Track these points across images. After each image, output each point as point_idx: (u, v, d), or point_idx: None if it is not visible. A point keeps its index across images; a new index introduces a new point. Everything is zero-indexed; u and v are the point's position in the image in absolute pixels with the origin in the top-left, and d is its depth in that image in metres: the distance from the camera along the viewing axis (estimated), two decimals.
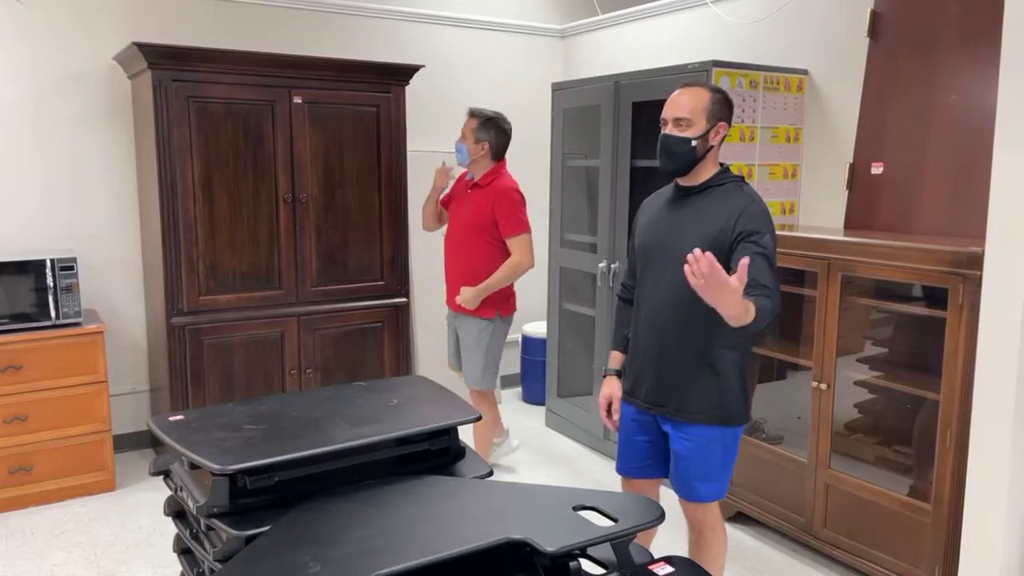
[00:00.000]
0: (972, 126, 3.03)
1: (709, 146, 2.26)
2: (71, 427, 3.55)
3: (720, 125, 2.26)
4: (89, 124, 3.90)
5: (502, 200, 3.37)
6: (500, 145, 3.45)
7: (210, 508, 1.84)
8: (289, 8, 4.31)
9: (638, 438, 2.47)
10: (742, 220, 2.19)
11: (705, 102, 2.24)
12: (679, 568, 1.79)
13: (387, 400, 2.36)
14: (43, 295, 3.49)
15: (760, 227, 2.18)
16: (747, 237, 2.15)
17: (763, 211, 2.23)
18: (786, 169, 3.70)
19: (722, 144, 2.31)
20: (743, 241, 2.16)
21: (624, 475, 2.57)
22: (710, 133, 2.25)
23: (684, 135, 2.24)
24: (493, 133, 3.41)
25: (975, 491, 2.43)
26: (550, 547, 1.68)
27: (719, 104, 2.26)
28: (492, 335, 3.51)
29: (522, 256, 3.39)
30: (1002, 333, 2.31)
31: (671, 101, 2.28)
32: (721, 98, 2.27)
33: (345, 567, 1.60)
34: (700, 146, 2.24)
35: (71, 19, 3.81)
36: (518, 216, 3.38)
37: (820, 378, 2.99)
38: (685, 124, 2.24)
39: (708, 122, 2.24)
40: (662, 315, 2.32)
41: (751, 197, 2.26)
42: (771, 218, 2.24)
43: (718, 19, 4.09)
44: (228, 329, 3.68)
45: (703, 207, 2.28)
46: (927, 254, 2.60)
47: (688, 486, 2.36)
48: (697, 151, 2.25)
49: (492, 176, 3.44)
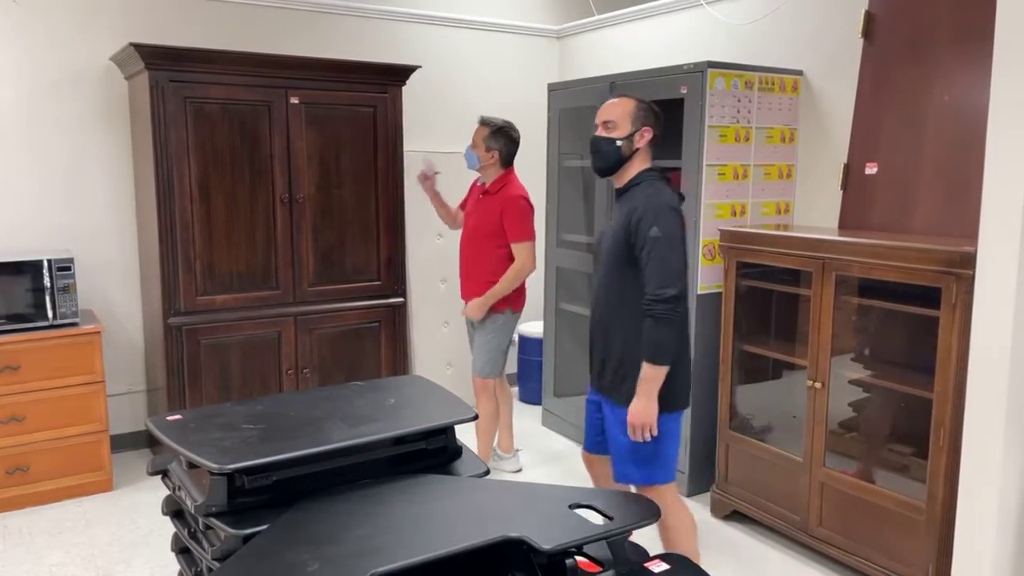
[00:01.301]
0: (965, 127, 3.04)
1: (634, 148, 2.46)
2: (68, 427, 3.55)
3: (644, 129, 2.46)
4: (86, 125, 3.90)
5: (510, 208, 3.53)
6: (509, 153, 3.61)
7: (208, 507, 1.85)
8: (286, 9, 4.31)
9: (595, 416, 2.66)
10: (637, 214, 2.37)
11: (631, 108, 2.47)
12: (674, 565, 1.81)
13: (384, 400, 2.37)
14: (40, 295, 3.49)
15: (651, 218, 2.33)
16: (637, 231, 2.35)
17: (658, 203, 2.36)
18: (781, 169, 3.71)
19: (650, 148, 2.50)
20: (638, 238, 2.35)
21: (584, 449, 2.75)
22: (635, 136, 2.45)
23: (610, 136, 2.46)
24: (503, 142, 3.58)
25: (968, 489, 2.44)
26: (546, 545, 1.69)
27: (644, 112, 2.48)
28: (501, 328, 3.66)
29: (524, 260, 3.55)
30: (994, 332, 2.33)
31: (601, 108, 2.52)
32: (647, 107, 2.49)
33: (343, 565, 1.61)
34: (625, 147, 2.45)
35: (67, 20, 3.81)
36: (524, 224, 3.55)
37: (815, 377, 3.01)
38: (611, 126, 2.47)
39: (633, 126, 2.45)
40: (598, 306, 2.55)
41: (656, 192, 2.41)
42: (670, 209, 2.37)
43: (713, 20, 4.10)
44: (225, 329, 3.68)
45: (622, 206, 2.49)
46: (920, 254, 2.62)
47: (619, 468, 2.49)
48: (622, 152, 2.46)
49: (501, 183, 3.59)
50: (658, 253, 2.30)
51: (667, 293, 2.27)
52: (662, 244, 2.29)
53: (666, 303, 2.27)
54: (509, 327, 3.70)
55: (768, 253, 3.17)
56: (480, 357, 3.67)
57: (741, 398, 3.45)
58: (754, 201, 3.64)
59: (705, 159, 3.43)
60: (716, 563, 3.06)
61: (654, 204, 2.36)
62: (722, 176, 3.50)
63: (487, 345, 3.66)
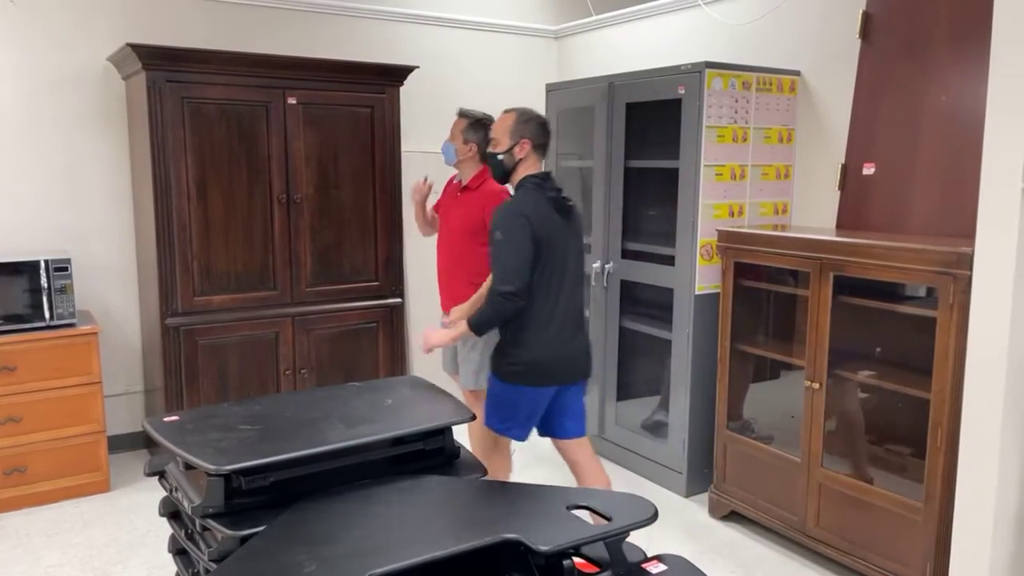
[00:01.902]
0: (962, 127, 3.05)
1: (516, 160, 2.70)
2: (65, 428, 3.55)
3: (523, 142, 2.68)
4: (83, 125, 3.90)
5: (493, 204, 3.30)
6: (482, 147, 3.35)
7: (205, 508, 1.84)
8: (283, 9, 4.31)
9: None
10: (494, 218, 2.64)
11: (509, 123, 2.71)
12: (672, 566, 1.81)
13: (382, 400, 2.37)
14: (37, 296, 3.48)
15: (498, 223, 2.61)
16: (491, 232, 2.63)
17: (508, 210, 2.63)
18: (779, 170, 3.71)
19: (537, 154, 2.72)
20: (490, 239, 2.63)
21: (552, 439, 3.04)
22: (514, 149, 2.69)
23: (494, 151, 2.74)
24: (482, 135, 3.32)
25: (965, 489, 2.45)
26: (544, 546, 1.69)
27: (522, 124, 2.70)
28: (487, 337, 3.49)
29: None
30: (991, 332, 2.34)
31: None
32: (525, 120, 2.71)
33: (340, 566, 1.61)
34: (507, 160, 2.71)
35: (65, 20, 3.81)
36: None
37: (812, 377, 3.01)
38: (495, 143, 2.75)
39: (511, 139, 2.69)
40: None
41: (517, 199, 2.68)
42: (517, 215, 2.60)
43: (711, 20, 4.11)
44: (223, 330, 3.68)
45: None
46: (918, 254, 2.62)
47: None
48: (505, 164, 2.72)
49: (482, 179, 3.36)
50: (498, 254, 2.59)
51: (502, 289, 2.57)
52: (502, 246, 2.58)
53: (501, 297, 2.57)
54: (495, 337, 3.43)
55: (766, 253, 3.17)
56: (468, 370, 3.40)
57: (739, 399, 3.45)
58: (752, 201, 3.64)
59: (703, 159, 3.43)
60: (714, 563, 3.06)
61: (504, 210, 2.64)
62: (720, 176, 3.50)
63: (467, 357, 3.40)
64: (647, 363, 4.14)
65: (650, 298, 3.99)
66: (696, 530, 3.34)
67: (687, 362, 3.58)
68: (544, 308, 2.67)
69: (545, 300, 2.66)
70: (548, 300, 2.67)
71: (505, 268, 2.57)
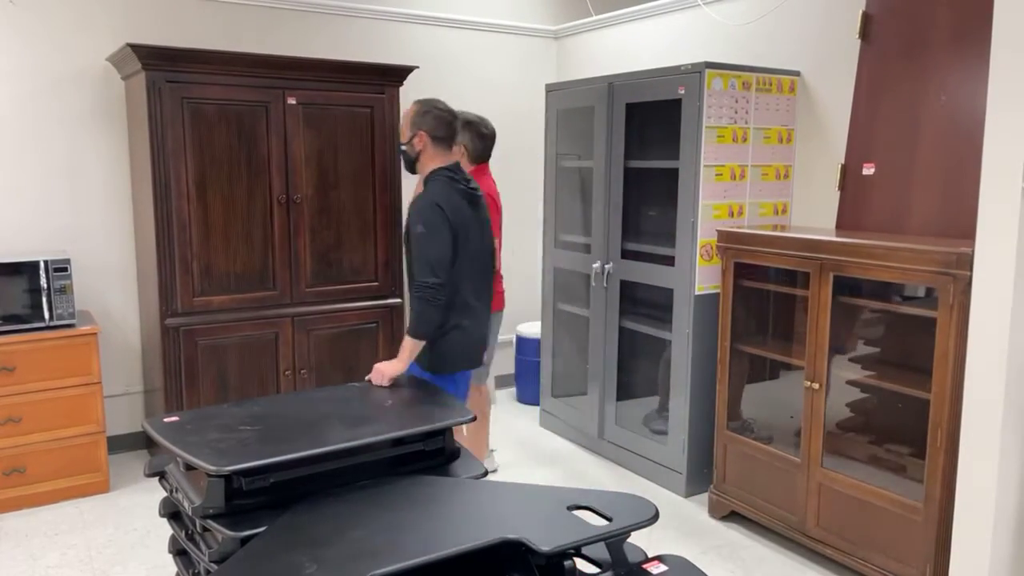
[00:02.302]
0: (962, 127, 3.05)
1: (417, 151, 2.74)
2: (65, 429, 3.54)
3: (420, 134, 2.71)
4: (83, 125, 3.90)
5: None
6: (477, 149, 3.55)
7: (206, 509, 1.84)
8: (283, 9, 4.31)
9: None
10: (410, 213, 2.68)
11: (411, 115, 2.75)
12: (673, 567, 1.81)
13: (382, 401, 2.37)
14: (37, 296, 3.48)
15: (416, 216, 2.64)
16: (410, 227, 2.66)
17: (423, 203, 2.65)
18: (778, 170, 3.72)
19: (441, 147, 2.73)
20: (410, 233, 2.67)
21: None
22: (414, 140, 2.73)
23: (400, 142, 2.80)
24: (470, 136, 3.50)
25: (965, 490, 2.45)
26: (545, 547, 1.69)
27: (420, 117, 2.72)
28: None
29: None
30: (991, 333, 2.34)
31: None
32: (423, 112, 2.72)
33: (341, 567, 1.61)
34: (409, 150, 2.75)
35: (64, 20, 3.80)
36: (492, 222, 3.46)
37: (812, 377, 3.01)
38: (401, 133, 2.80)
39: (411, 131, 2.73)
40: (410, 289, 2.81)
41: (429, 191, 2.68)
42: (432, 206, 2.62)
43: (711, 20, 4.11)
44: (222, 330, 3.67)
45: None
46: (918, 254, 2.63)
47: None
48: (408, 154, 2.76)
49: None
50: (421, 246, 2.62)
51: (430, 281, 2.60)
52: (424, 238, 2.61)
53: (430, 289, 2.60)
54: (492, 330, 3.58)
55: (766, 254, 3.17)
56: None
57: (738, 399, 3.46)
58: (752, 201, 3.65)
59: (703, 160, 3.43)
60: (714, 563, 3.06)
61: (419, 203, 2.67)
62: (720, 177, 3.51)
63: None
64: (647, 364, 4.14)
65: (650, 298, 3.99)
66: (696, 530, 3.34)
67: (687, 363, 3.58)
68: (463, 295, 2.76)
69: (463, 287, 2.76)
70: (464, 287, 2.76)
71: (429, 260, 2.61)
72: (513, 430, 4.56)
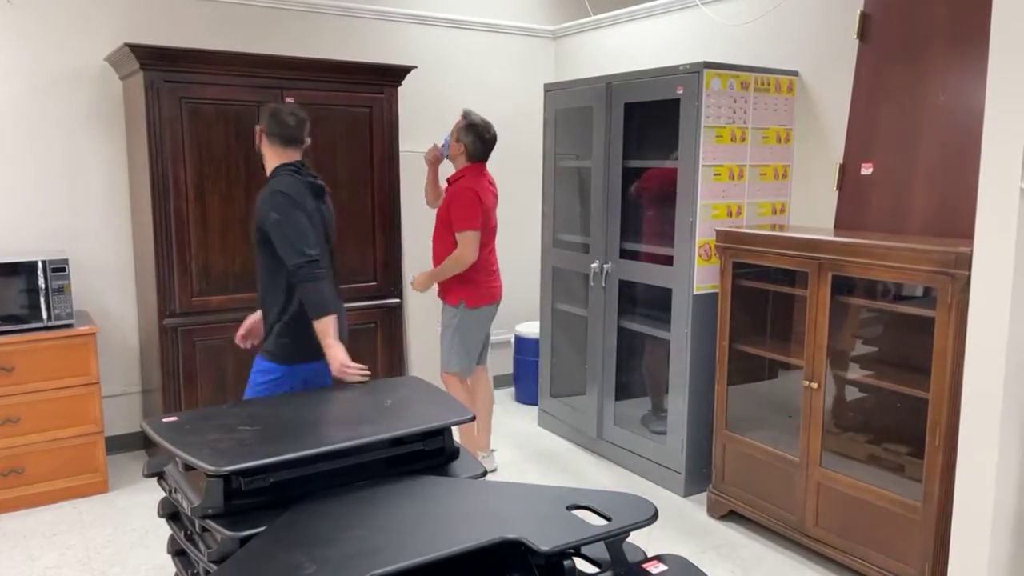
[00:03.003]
0: (960, 127, 3.05)
1: (258, 147, 2.84)
2: (63, 429, 3.54)
3: (258, 129, 2.82)
4: (81, 125, 3.89)
5: (457, 197, 3.60)
6: (476, 150, 3.66)
7: (205, 509, 1.84)
8: (281, 9, 4.30)
9: None
10: (259, 208, 2.70)
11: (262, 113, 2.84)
12: (672, 566, 1.81)
13: (381, 401, 2.37)
14: (35, 296, 3.48)
15: (266, 208, 2.67)
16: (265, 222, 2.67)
17: (266, 194, 2.70)
18: (777, 170, 3.72)
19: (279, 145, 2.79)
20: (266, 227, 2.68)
21: None
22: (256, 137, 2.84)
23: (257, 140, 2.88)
24: (472, 138, 3.65)
25: (964, 489, 2.45)
26: (544, 546, 1.69)
27: (262, 116, 2.82)
28: (459, 322, 3.73)
29: (463, 250, 3.59)
30: (990, 332, 2.34)
31: None
32: (266, 112, 2.82)
33: (340, 567, 1.61)
34: (257, 146, 2.85)
35: (62, 20, 3.80)
36: (466, 213, 3.58)
37: (811, 377, 3.01)
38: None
39: (258, 127, 2.83)
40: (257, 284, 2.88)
41: (269, 185, 2.73)
42: (275, 192, 2.67)
43: (709, 21, 4.11)
44: (221, 330, 3.66)
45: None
46: (916, 254, 2.63)
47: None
48: (257, 150, 2.86)
49: (460, 175, 3.68)
50: (280, 232, 2.64)
51: (300, 261, 2.61)
52: (283, 224, 2.64)
53: (305, 267, 2.61)
54: (466, 323, 3.72)
55: (764, 253, 3.18)
56: (442, 351, 3.78)
57: (737, 398, 3.46)
58: (750, 201, 3.65)
59: (701, 159, 3.44)
60: (713, 563, 3.06)
61: (264, 196, 2.71)
62: (718, 176, 3.51)
63: (442, 339, 3.78)
64: (645, 363, 4.14)
65: (649, 298, 3.99)
66: (695, 530, 3.34)
67: (686, 362, 3.58)
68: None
69: None
70: None
71: (293, 240, 2.63)
72: (512, 430, 4.56)
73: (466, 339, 3.73)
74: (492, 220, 3.73)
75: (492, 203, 3.72)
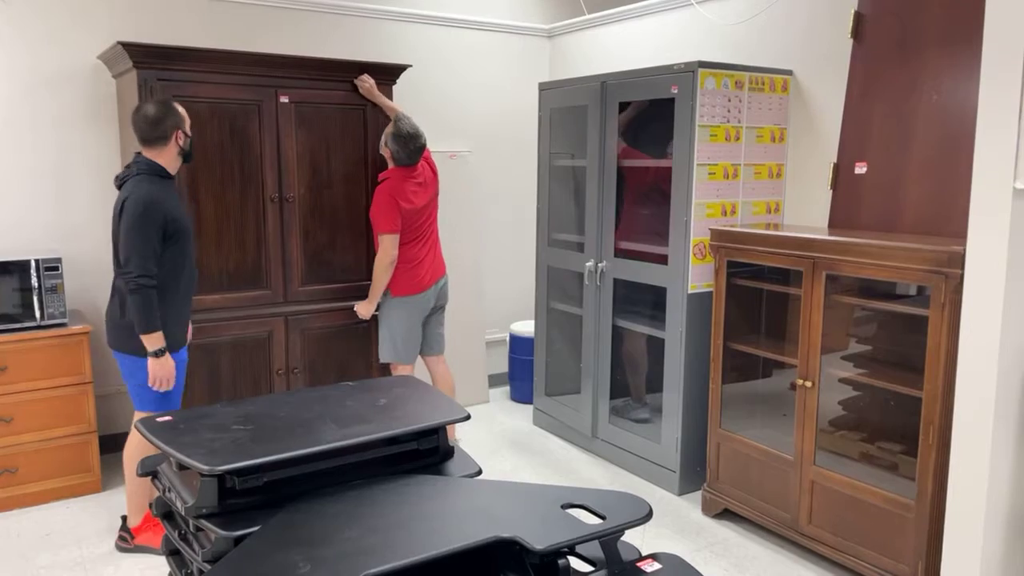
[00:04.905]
0: (954, 126, 3.06)
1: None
2: (56, 428, 3.53)
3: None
4: (74, 123, 3.88)
5: (376, 200, 3.72)
6: (400, 158, 3.72)
7: (199, 509, 1.84)
8: (276, 7, 4.29)
9: None
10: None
11: None
12: (667, 565, 1.81)
13: (375, 400, 2.36)
14: (28, 296, 3.46)
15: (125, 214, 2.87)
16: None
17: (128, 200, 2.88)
18: (771, 169, 3.73)
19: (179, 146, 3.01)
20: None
21: None
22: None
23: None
24: (396, 147, 3.72)
25: (957, 487, 2.46)
26: (539, 545, 1.69)
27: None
28: (386, 311, 3.84)
29: (381, 254, 3.71)
30: (983, 331, 2.35)
31: None
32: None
33: (335, 567, 1.61)
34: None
35: (55, 18, 3.78)
36: (382, 218, 3.68)
37: (805, 375, 3.02)
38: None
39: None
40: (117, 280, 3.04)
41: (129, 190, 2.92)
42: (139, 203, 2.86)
43: (704, 20, 4.11)
44: (215, 329, 3.66)
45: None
46: (910, 253, 2.64)
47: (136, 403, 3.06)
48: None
49: (386, 176, 3.76)
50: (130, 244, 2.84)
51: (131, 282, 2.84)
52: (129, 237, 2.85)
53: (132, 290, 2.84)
54: (390, 312, 3.82)
55: (758, 252, 3.18)
56: (379, 342, 3.91)
57: (732, 397, 3.47)
58: (744, 200, 3.66)
59: (696, 158, 3.44)
60: (707, 561, 3.07)
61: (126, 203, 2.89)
62: (712, 175, 3.51)
63: (382, 330, 3.88)
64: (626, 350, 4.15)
65: (643, 297, 4.00)
66: (689, 528, 3.35)
67: (680, 361, 3.59)
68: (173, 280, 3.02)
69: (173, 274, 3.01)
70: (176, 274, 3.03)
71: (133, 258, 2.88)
72: (507, 428, 4.56)
73: (392, 328, 3.82)
74: (421, 217, 3.78)
75: (419, 202, 3.76)
